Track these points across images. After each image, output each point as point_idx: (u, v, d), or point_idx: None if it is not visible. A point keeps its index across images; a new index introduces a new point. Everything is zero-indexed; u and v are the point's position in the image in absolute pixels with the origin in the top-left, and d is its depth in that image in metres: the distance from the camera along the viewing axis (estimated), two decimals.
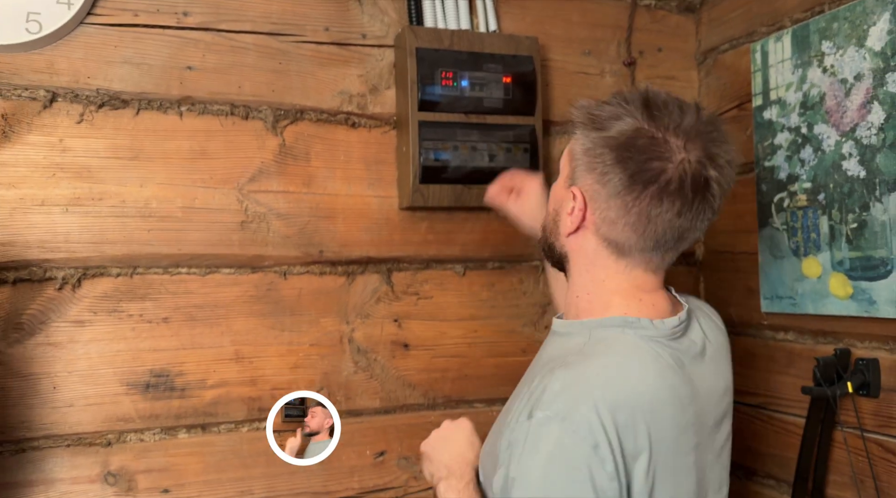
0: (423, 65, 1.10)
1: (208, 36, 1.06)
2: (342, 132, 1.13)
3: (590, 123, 0.76)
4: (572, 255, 0.81)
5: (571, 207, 0.77)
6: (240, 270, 1.08)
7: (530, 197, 1.06)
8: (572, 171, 0.78)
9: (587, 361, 0.72)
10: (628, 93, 0.77)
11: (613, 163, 0.73)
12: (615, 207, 0.74)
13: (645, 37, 1.34)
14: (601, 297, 0.78)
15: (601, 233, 0.76)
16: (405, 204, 1.13)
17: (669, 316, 0.77)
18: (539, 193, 1.05)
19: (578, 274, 0.80)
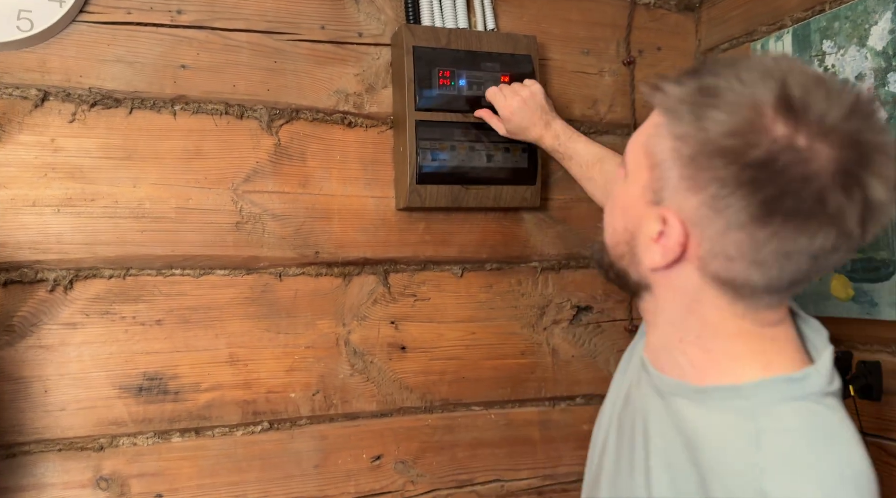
0: (420, 64, 1.09)
1: (202, 34, 1.05)
2: (338, 132, 1.12)
3: (694, 115, 0.54)
4: (661, 289, 0.62)
5: (659, 233, 0.58)
6: (234, 272, 1.07)
7: (505, 121, 1.07)
8: (658, 182, 0.57)
9: (797, 473, 0.53)
10: (746, 64, 0.55)
11: (736, 183, 0.52)
12: (737, 243, 0.54)
13: (644, 36, 1.34)
14: (719, 343, 0.60)
15: (710, 270, 0.57)
16: (402, 205, 1.12)
17: (802, 348, 0.60)
18: (510, 118, 1.05)
19: (675, 311, 0.61)
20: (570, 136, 1.05)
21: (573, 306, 1.27)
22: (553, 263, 1.26)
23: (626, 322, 1.31)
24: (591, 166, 1.02)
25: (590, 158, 1.02)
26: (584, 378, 1.27)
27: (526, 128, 1.07)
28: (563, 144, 1.04)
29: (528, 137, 1.08)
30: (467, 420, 1.19)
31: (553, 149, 1.06)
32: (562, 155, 1.05)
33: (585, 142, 1.04)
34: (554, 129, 1.05)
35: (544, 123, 1.06)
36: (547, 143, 1.06)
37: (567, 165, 1.06)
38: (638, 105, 1.32)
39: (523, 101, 1.06)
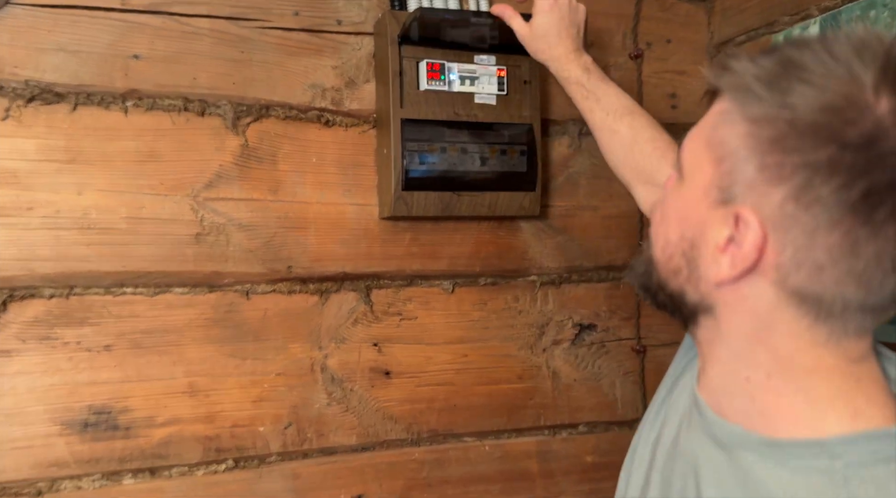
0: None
1: (157, 20, 0.93)
2: (314, 131, 1.01)
3: (777, 91, 0.46)
4: (725, 311, 0.52)
5: (728, 239, 0.49)
6: (194, 290, 0.95)
7: (539, 16, 0.90)
8: (727, 177, 0.49)
9: None
10: (836, 36, 0.47)
11: (830, 169, 0.44)
12: (828, 247, 0.45)
13: (653, 27, 1.23)
14: (796, 383, 0.50)
15: (791, 284, 0.48)
16: (386, 213, 1.01)
17: (890, 392, 0.52)
18: (549, 12, 0.90)
19: (741, 340, 0.52)
20: (600, 75, 0.90)
21: (575, 325, 1.16)
22: (553, 277, 1.15)
23: (634, 341, 1.20)
24: (621, 116, 0.87)
25: (620, 107, 0.88)
26: (587, 404, 1.16)
27: (555, 38, 0.90)
28: (591, 80, 0.89)
29: (551, 54, 0.91)
30: (458, 453, 1.08)
31: (578, 81, 0.90)
32: (586, 93, 0.90)
33: (617, 88, 0.90)
34: (584, 59, 0.91)
35: (575, 46, 0.91)
36: (572, 72, 0.90)
37: (587, 108, 0.90)
38: (647, 102, 1.22)
39: (554, 5, 0.90)
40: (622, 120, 0.88)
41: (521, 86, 1.05)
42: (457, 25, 0.97)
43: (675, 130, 1.28)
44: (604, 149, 0.91)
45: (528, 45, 0.94)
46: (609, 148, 0.90)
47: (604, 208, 1.18)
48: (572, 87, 0.92)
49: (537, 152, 1.05)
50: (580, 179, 1.17)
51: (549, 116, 1.14)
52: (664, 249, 0.56)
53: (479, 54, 1.02)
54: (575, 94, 0.92)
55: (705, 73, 0.54)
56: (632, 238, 1.20)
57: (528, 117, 1.05)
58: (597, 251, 1.18)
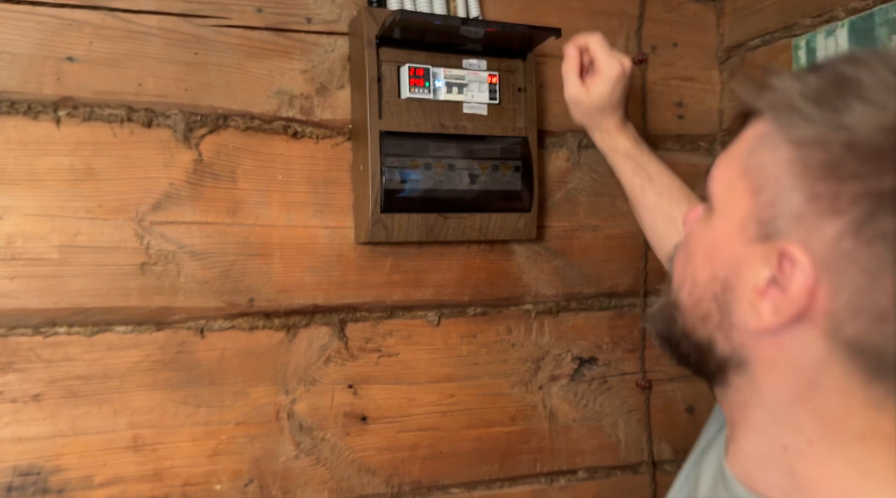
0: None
1: (97, 16, 0.81)
2: (280, 144, 0.89)
3: (829, 109, 0.41)
4: (762, 366, 0.45)
5: (769, 280, 0.42)
6: (140, 328, 0.83)
7: (604, 83, 0.81)
8: (768, 210, 0.42)
9: None
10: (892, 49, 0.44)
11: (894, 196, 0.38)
12: (892, 290, 0.38)
13: (658, 29, 1.13)
14: (845, 451, 0.43)
15: (845, 334, 0.41)
16: (363, 238, 0.89)
17: None
18: (615, 82, 0.81)
19: (781, 401, 0.45)
20: (647, 148, 0.84)
21: (574, 358, 1.06)
22: (550, 306, 1.04)
23: (638, 376, 1.09)
24: (678, 201, 0.80)
25: (675, 190, 0.81)
26: (587, 447, 1.05)
27: (610, 109, 0.82)
28: (643, 154, 0.83)
29: (602, 123, 0.83)
30: None
31: (627, 154, 0.83)
32: (637, 168, 0.83)
33: (664, 164, 0.84)
34: (630, 128, 0.84)
35: (622, 116, 0.84)
36: (621, 143, 0.83)
37: (637, 185, 0.83)
38: (651, 112, 1.11)
39: (623, 73, 0.81)
40: (679, 205, 0.80)
41: (515, 94, 0.95)
42: (445, 31, 0.86)
43: (682, 142, 1.18)
44: (654, 232, 0.83)
45: (578, 110, 0.84)
46: (662, 234, 0.82)
47: (605, 228, 1.08)
48: (620, 160, 0.84)
49: (533, 168, 0.94)
50: (580, 197, 1.06)
51: (544, 127, 1.03)
52: (691, 292, 0.48)
53: (468, 58, 0.92)
54: (623, 167, 0.84)
55: (738, 90, 0.48)
56: (636, 260, 1.10)
57: (522, 129, 0.94)
58: (598, 276, 1.08)
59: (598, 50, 0.82)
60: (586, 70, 0.85)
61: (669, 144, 1.14)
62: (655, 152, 0.91)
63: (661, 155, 0.93)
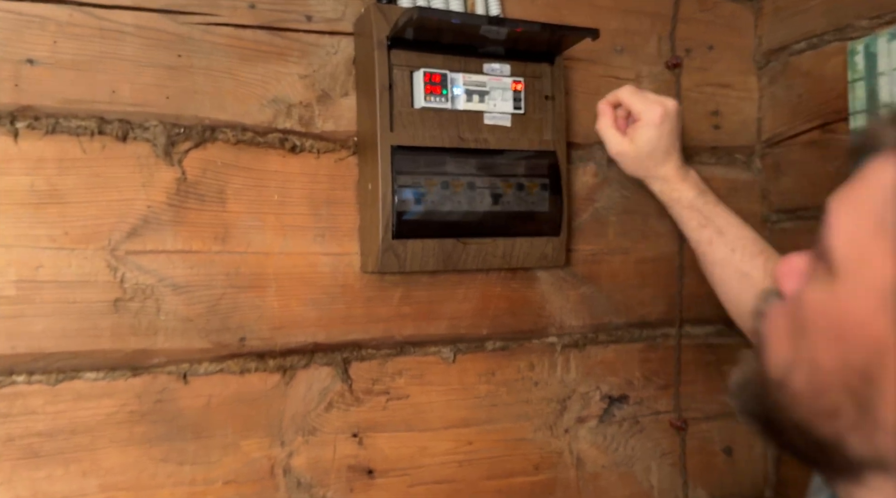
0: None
1: (63, 12, 0.70)
2: (275, 160, 0.78)
3: None
4: None
5: None
6: (113, 374, 0.72)
7: (647, 129, 0.76)
8: None
9: None
10: None
11: None
12: None
13: (692, 30, 1.03)
14: None
15: None
16: (371, 267, 0.79)
17: None
18: (660, 125, 0.75)
19: None
20: (713, 198, 0.77)
21: (603, 397, 0.96)
22: (576, 338, 0.94)
23: (672, 415, 0.99)
24: (752, 256, 0.73)
25: (750, 243, 0.74)
26: (618, 496, 0.95)
27: (663, 154, 0.77)
28: (708, 205, 0.76)
29: (657, 172, 0.78)
30: None
31: (691, 205, 0.76)
32: (703, 221, 0.76)
33: (734, 215, 0.76)
34: (693, 176, 0.78)
35: (680, 162, 0.78)
36: (684, 193, 0.77)
37: (705, 239, 0.76)
38: (686, 122, 1.02)
39: (667, 114, 0.76)
40: (755, 261, 0.72)
41: (542, 102, 0.85)
42: (464, 31, 0.75)
43: (718, 155, 1.09)
44: (725, 289, 0.75)
45: (629, 163, 0.79)
46: (735, 292, 0.74)
47: (637, 251, 0.98)
48: (683, 212, 0.77)
49: (563, 186, 0.84)
50: (609, 216, 0.97)
51: (570, 139, 0.93)
52: (810, 380, 0.39)
53: (489, 61, 0.81)
54: (686, 220, 0.77)
55: (856, 138, 0.39)
56: (670, 286, 1.00)
57: (550, 142, 0.84)
58: (628, 304, 0.98)
59: (631, 98, 0.78)
60: (625, 123, 0.80)
61: (705, 157, 1.04)
62: (691, 165, 0.82)
63: (695, 168, 0.84)
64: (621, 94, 0.79)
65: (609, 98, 0.80)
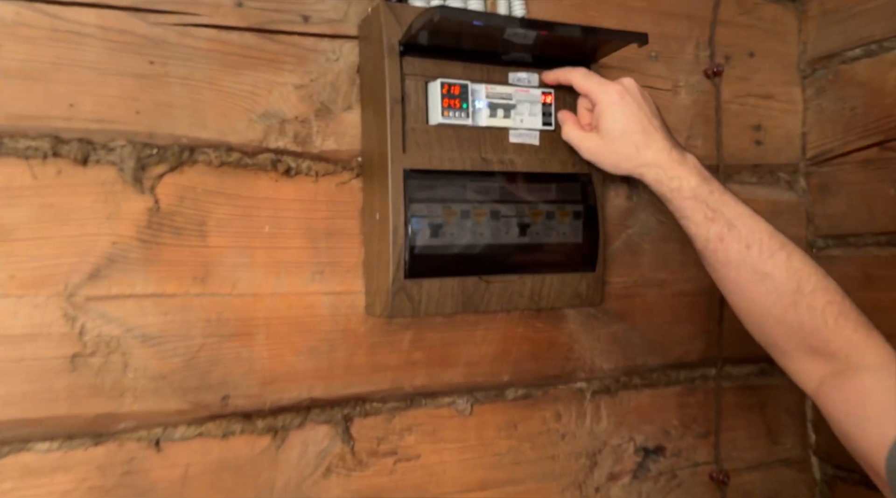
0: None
1: (9, 9, 0.59)
2: (267, 185, 0.67)
3: None
4: None
5: None
6: (70, 444, 0.60)
7: (609, 110, 0.66)
8: None
9: None
10: None
11: None
12: None
13: (731, 35, 0.93)
14: None
15: None
16: (380, 310, 0.68)
17: None
18: (622, 104, 0.66)
19: None
20: (719, 186, 0.64)
21: (638, 449, 0.85)
22: (608, 383, 0.84)
23: (712, 467, 0.89)
24: (772, 253, 0.61)
25: (767, 238, 0.62)
26: None
27: (641, 135, 0.65)
28: (715, 194, 0.63)
29: (642, 158, 0.65)
30: None
31: (694, 195, 0.63)
32: (710, 214, 0.63)
33: (747, 206, 0.64)
34: (691, 160, 0.65)
35: (672, 141, 0.66)
36: (684, 180, 0.64)
37: (713, 234, 0.63)
38: (727, 137, 0.92)
39: (626, 90, 0.66)
40: (774, 258, 0.61)
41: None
42: (487, 35, 0.65)
43: (760, 173, 0.99)
44: (741, 298, 0.64)
45: (606, 158, 0.67)
46: (754, 297, 0.62)
47: (674, 283, 0.88)
48: (685, 203, 0.64)
49: (598, 214, 0.74)
50: (643, 244, 0.86)
51: None
52: None
53: (515, 70, 0.71)
54: (690, 213, 0.64)
55: None
56: (709, 321, 0.90)
57: (585, 164, 0.73)
58: (664, 343, 0.88)
59: (584, 81, 0.68)
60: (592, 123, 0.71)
61: (746, 176, 0.94)
62: (730, 184, 0.73)
63: (736, 190, 0.74)
64: (572, 76, 0.69)
65: (551, 77, 0.71)
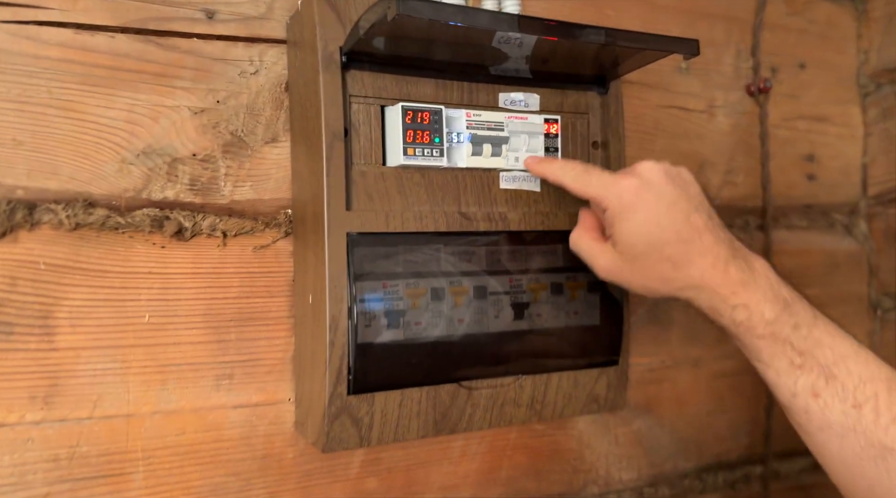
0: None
1: None
2: (146, 254, 0.48)
3: None
4: None
5: None
6: None
7: (622, 217, 0.46)
8: None
9: None
10: None
11: None
12: None
13: (778, 41, 0.76)
14: None
15: None
16: (314, 438, 0.48)
17: None
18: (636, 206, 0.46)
19: None
20: (809, 312, 0.46)
21: None
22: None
23: None
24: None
25: (885, 387, 0.43)
26: None
27: (675, 244, 0.45)
28: (803, 329, 0.45)
29: (684, 277, 0.46)
30: None
31: (771, 333, 0.45)
32: (794, 357, 0.45)
33: (851, 340, 0.46)
34: (760, 277, 0.46)
35: (727, 251, 0.46)
36: (752, 309, 0.45)
37: (801, 389, 0.45)
38: (774, 170, 0.74)
39: (643, 182, 0.46)
40: None
41: (589, 152, 0.55)
42: (469, 40, 0.45)
43: (812, 216, 0.81)
44: (850, 478, 0.45)
45: (629, 278, 0.47)
46: (871, 481, 0.43)
47: (711, 361, 0.70)
48: (759, 345, 0.45)
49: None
50: (671, 311, 0.68)
51: None
52: None
53: (507, 89, 0.52)
54: (767, 357, 0.46)
55: None
56: (757, 409, 0.72)
57: None
58: (700, 440, 0.69)
59: (580, 184, 0.48)
60: None
61: (795, 219, 0.76)
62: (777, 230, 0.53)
63: (783, 236, 0.56)
64: (564, 177, 0.48)
65: (536, 168, 0.51)
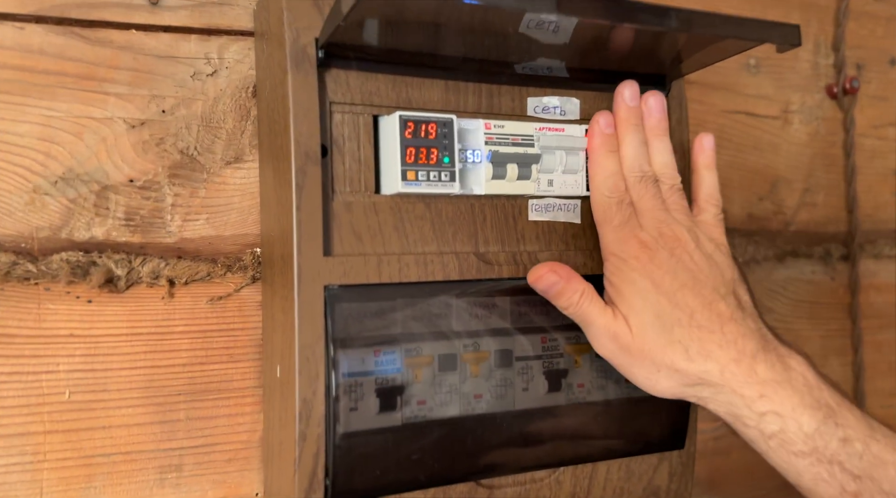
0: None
1: None
2: (66, 311, 0.37)
3: None
4: None
5: None
6: None
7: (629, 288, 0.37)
8: None
9: None
10: None
11: None
12: None
13: (864, 32, 0.65)
14: None
15: None
16: None
17: None
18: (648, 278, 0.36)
19: None
20: (862, 422, 0.36)
21: None
22: None
23: None
24: None
25: None
26: None
27: (689, 339, 0.36)
28: (853, 444, 0.35)
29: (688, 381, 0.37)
30: None
31: (814, 450, 0.35)
32: (846, 482, 0.35)
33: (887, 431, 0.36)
34: (797, 374, 0.36)
35: (756, 341, 0.37)
36: (787, 420, 0.36)
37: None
38: (861, 187, 0.62)
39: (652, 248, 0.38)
40: None
41: None
42: (488, 26, 0.35)
43: None
44: None
45: (628, 361, 0.37)
46: None
47: None
48: (797, 463, 0.36)
49: None
50: None
51: None
52: None
53: (538, 92, 0.41)
54: (810, 481, 0.36)
55: None
56: None
57: None
58: None
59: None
60: None
61: (884, 247, 0.65)
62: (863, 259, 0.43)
63: (870, 267, 0.45)
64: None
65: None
